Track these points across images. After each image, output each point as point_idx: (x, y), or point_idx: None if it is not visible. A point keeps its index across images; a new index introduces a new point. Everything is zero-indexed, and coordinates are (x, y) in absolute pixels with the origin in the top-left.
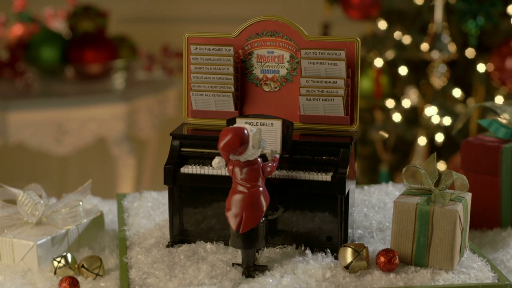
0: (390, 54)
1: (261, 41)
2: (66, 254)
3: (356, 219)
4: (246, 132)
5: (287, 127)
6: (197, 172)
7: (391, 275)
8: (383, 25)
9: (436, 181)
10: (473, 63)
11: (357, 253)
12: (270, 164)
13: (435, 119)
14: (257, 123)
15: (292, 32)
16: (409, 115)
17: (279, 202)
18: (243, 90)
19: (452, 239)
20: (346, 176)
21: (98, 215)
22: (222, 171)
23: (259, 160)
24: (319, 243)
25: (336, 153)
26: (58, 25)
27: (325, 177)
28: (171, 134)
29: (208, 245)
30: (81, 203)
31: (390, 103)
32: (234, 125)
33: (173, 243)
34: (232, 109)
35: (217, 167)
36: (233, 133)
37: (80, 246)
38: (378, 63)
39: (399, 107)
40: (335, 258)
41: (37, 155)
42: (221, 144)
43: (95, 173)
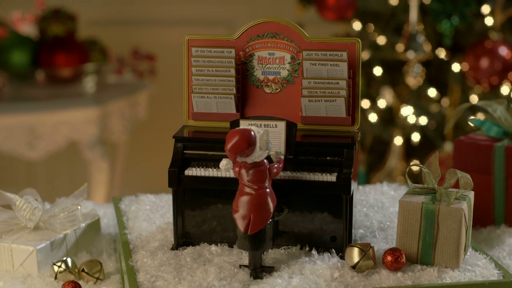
0: (365, 54)
1: (262, 42)
2: (66, 258)
3: (357, 219)
4: (253, 133)
5: (290, 128)
6: (202, 174)
7: (399, 274)
8: (357, 26)
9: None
10: (448, 62)
11: (364, 253)
12: (276, 165)
13: (411, 119)
14: (261, 125)
15: (293, 33)
16: (385, 115)
17: (282, 203)
18: (244, 92)
19: (458, 237)
20: (351, 176)
21: (95, 219)
22: (227, 173)
23: (266, 161)
24: (322, 243)
25: (340, 153)
26: (26, 29)
27: (330, 177)
28: (174, 136)
29: (213, 247)
30: (79, 207)
31: (365, 103)
32: (240, 127)
33: (177, 245)
34: (233, 111)
35: (225, 169)
36: (240, 135)
37: (78, 250)
38: None
39: (374, 107)
40: (341, 258)
41: (6, 160)
42: (229, 146)
43: (67, 177)
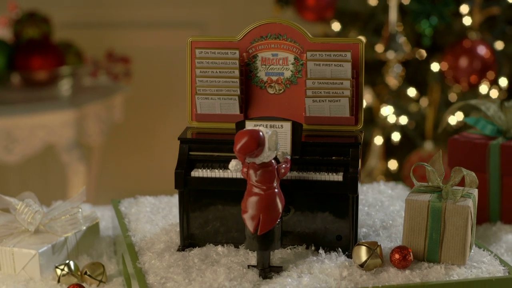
0: None
1: (265, 44)
2: (69, 261)
3: (359, 218)
4: (261, 134)
5: (296, 129)
6: (208, 175)
7: (407, 272)
8: (336, 26)
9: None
10: (427, 62)
11: (372, 251)
12: (284, 165)
13: (391, 119)
14: (267, 125)
15: (296, 34)
16: (365, 115)
17: (288, 203)
18: (248, 93)
19: (464, 235)
20: (358, 175)
21: (96, 222)
22: (233, 174)
23: (273, 162)
24: (327, 243)
25: (345, 153)
26: (0, 32)
27: (337, 177)
28: (179, 138)
29: (219, 248)
30: (80, 210)
31: None
32: (248, 128)
33: (183, 247)
34: (237, 112)
35: (234, 169)
36: (249, 135)
37: (78, 253)
38: None
39: None
40: (347, 256)
41: None
42: (238, 146)
43: (43, 181)
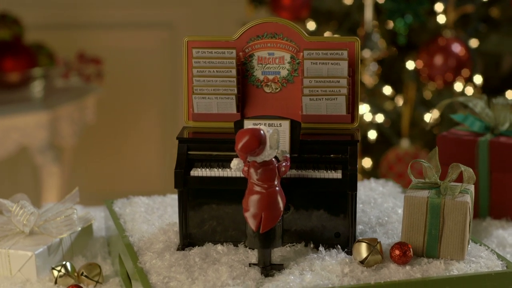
0: None
1: (261, 43)
2: (65, 262)
3: None
4: (262, 133)
5: (294, 127)
6: (208, 174)
7: (407, 267)
8: (311, 25)
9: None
10: (402, 60)
11: (372, 248)
12: (284, 163)
13: (367, 117)
14: (265, 124)
15: (292, 33)
16: None
17: (286, 201)
18: (244, 92)
19: (463, 230)
20: (357, 172)
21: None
22: (233, 173)
23: (274, 160)
24: (326, 240)
25: (343, 151)
26: None
27: (336, 174)
28: (177, 138)
29: (218, 247)
30: (75, 211)
31: None
32: (250, 127)
33: (183, 246)
34: (234, 111)
35: (236, 168)
36: (251, 134)
37: (73, 254)
38: None
39: None
40: (347, 253)
41: None
42: (239, 145)
43: (15, 183)
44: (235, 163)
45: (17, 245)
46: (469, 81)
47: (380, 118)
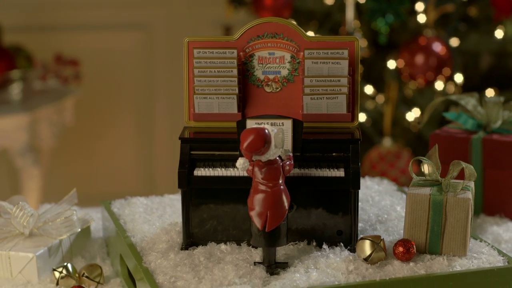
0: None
1: (262, 43)
2: (66, 264)
3: None
4: (267, 132)
5: (297, 126)
6: (211, 174)
7: (411, 264)
8: None
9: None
10: (384, 60)
11: (376, 245)
12: (288, 162)
13: None
14: (268, 124)
15: (292, 33)
16: None
17: None
18: (245, 91)
19: (465, 226)
20: (360, 170)
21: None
22: (236, 172)
23: (278, 159)
24: (328, 238)
25: (345, 149)
26: None
27: (339, 173)
28: (180, 138)
29: (222, 246)
30: (75, 212)
31: None
32: (254, 126)
33: (187, 245)
34: (235, 111)
35: (242, 168)
36: (256, 133)
37: (72, 255)
38: None
39: None
40: (350, 251)
41: None
42: (244, 145)
43: None
44: (240, 162)
45: (17, 247)
46: (449, 79)
47: (362, 117)
